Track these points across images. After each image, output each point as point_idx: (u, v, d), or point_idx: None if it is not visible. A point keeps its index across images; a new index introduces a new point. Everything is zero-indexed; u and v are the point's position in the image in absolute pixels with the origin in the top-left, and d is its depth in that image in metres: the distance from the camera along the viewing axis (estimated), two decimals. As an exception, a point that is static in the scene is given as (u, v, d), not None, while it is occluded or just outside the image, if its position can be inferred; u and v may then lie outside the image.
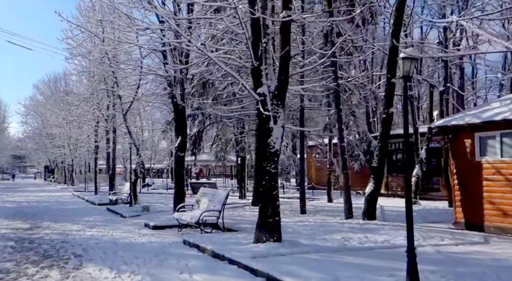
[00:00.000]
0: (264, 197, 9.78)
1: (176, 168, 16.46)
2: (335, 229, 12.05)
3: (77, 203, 26.47)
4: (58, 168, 63.80)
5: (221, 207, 12.38)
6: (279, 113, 9.96)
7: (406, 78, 6.24)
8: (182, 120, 16.23)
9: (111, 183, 26.10)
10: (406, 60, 6.08)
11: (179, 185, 16.26)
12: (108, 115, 24.84)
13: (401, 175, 27.68)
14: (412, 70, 6.18)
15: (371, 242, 10.01)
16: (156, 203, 22.83)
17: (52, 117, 47.04)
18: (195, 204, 14.12)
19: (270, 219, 9.69)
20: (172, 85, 15.86)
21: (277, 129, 9.88)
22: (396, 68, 14.10)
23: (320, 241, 10.16)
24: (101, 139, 30.15)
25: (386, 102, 13.77)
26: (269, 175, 9.74)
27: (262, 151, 9.87)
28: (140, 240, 12.16)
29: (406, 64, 6.09)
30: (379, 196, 26.81)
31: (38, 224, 15.91)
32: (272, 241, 9.61)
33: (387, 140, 13.87)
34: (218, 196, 12.82)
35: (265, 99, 9.77)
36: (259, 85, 9.90)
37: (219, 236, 11.50)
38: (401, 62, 6.14)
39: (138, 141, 22.44)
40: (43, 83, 63.61)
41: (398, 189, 28.15)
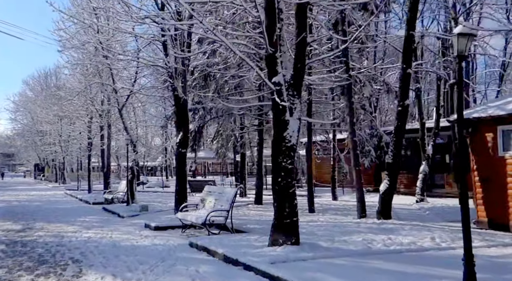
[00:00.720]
0: (281, 196, 8.95)
1: (178, 165, 15.58)
2: (352, 230, 11.26)
3: (70, 202, 25.50)
4: (48, 166, 62.53)
5: (229, 207, 11.54)
6: (295, 105, 9.14)
7: (461, 57, 5.45)
8: (184, 114, 15.36)
9: (105, 181, 25.13)
10: (462, 37, 5.29)
11: (180, 183, 15.40)
12: (102, 110, 23.85)
13: (404, 172, 27.03)
14: (468, 48, 5.39)
15: (397, 244, 9.22)
16: (154, 202, 21.94)
17: (43, 114, 45.94)
18: (200, 203, 13.26)
19: (288, 220, 8.87)
20: (173, 77, 14.98)
21: (293, 121, 9.06)
22: (411, 58, 13.34)
23: (341, 244, 9.36)
24: (95, 136, 29.14)
25: (401, 94, 13.01)
26: (286, 171, 8.92)
27: (278, 146, 9.04)
28: (143, 243, 11.30)
29: (462, 42, 5.31)
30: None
31: (31, 225, 14.99)
32: (290, 243, 8.79)
33: (403, 134, 13.12)
34: (226, 195, 11.97)
35: (280, 89, 8.93)
36: (274, 74, 9.06)
37: (228, 237, 10.67)
38: (455, 40, 5.36)
39: (134, 137, 21.50)
40: (33, 78, 62.38)
41: (401, 186, 27.44)
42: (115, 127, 25.83)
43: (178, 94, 15.23)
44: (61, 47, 21.41)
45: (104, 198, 22.57)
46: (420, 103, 21.58)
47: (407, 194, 25.66)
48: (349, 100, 13.70)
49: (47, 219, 16.83)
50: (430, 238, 9.70)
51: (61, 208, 21.56)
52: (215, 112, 19.29)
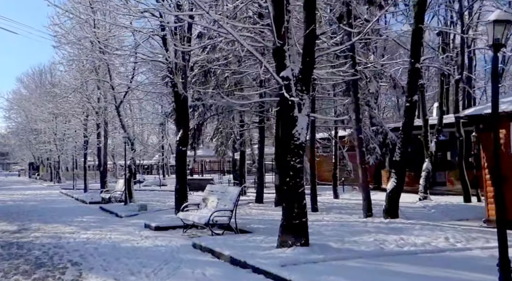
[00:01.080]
0: (289, 195, 8.56)
1: (178, 164, 15.16)
2: (361, 230, 10.89)
3: (66, 201, 25.02)
4: (43, 165, 61.86)
5: (233, 206, 11.14)
6: (304, 100, 8.74)
7: (496, 46, 5.08)
8: (184, 111, 14.94)
9: (102, 180, 24.64)
10: (498, 24, 4.92)
11: (181, 182, 14.98)
12: (99, 107, 23.35)
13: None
14: (504, 37, 5.02)
15: (410, 244, 8.85)
16: (152, 201, 21.50)
17: (37, 112, 45.33)
18: (202, 203, 12.86)
19: (297, 220, 8.48)
20: (173, 73, 14.55)
21: (302, 118, 8.67)
22: (420, 52, 12.98)
23: (351, 244, 8.98)
24: (91, 134, 28.64)
25: (409, 90, 12.64)
26: (294, 171, 8.53)
27: (286, 143, 8.64)
28: (144, 244, 10.88)
29: (499, 30, 4.94)
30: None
31: (27, 226, 14.53)
32: (299, 245, 8.40)
33: (410, 131, 12.76)
34: (229, 194, 11.57)
35: (289, 84, 8.54)
36: (282, 68, 8.67)
37: (233, 238, 10.27)
38: (491, 27, 4.99)
39: (132, 135, 21.05)
40: (27, 76, 61.68)
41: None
42: (112, 125, 25.33)
43: (178, 91, 14.80)
44: (57, 43, 20.91)
45: (101, 197, 22.11)
46: (424, 100, 21.22)
47: (409, 191, 25.25)
48: (355, 96, 13.32)
49: (43, 219, 16.38)
50: (444, 238, 9.35)
51: (57, 207, 21.09)
52: (215, 110, 18.89)
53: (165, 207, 18.87)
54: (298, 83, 8.71)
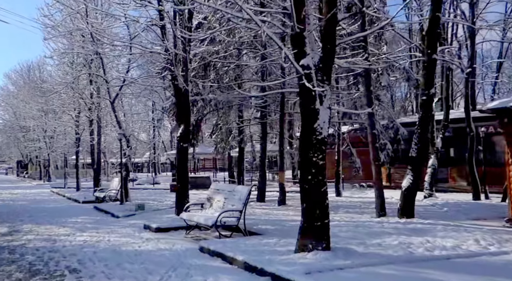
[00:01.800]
0: (310, 195, 7.81)
1: (179, 161, 14.34)
2: (379, 231, 10.19)
3: (57, 201, 24.09)
4: (32, 163, 60.58)
5: (242, 207, 10.38)
6: (325, 92, 8.00)
7: None
8: (185, 105, 14.13)
9: (96, 178, 23.71)
10: None
11: (182, 180, 14.18)
12: (92, 103, 22.43)
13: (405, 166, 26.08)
14: None
15: (439, 248, 8.14)
16: (148, 200, 20.66)
17: (26, 109, 44.22)
18: (206, 202, 12.09)
19: (318, 222, 7.74)
20: (173, 65, 13.75)
21: (324, 111, 7.93)
22: (437, 42, 12.30)
23: (376, 248, 8.26)
24: (83, 131, 27.66)
25: (425, 82, 11.96)
26: (316, 168, 7.79)
27: (307, 138, 7.89)
28: (146, 247, 10.09)
29: None
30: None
31: (18, 228, 13.67)
32: (321, 249, 7.66)
33: (428, 126, 12.10)
34: (238, 193, 10.80)
35: (310, 73, 7.78)
36: (301, 55, 7.91)
37: (243, 241, 9.51)
38: None
39: (128, 131, 20.17)
40: (15, 72, 60.23)
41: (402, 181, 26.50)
42: (105, 122, 24.39)
43: (178, 84, 14.01)
44: (48, 35, 19.98)
45: (95, 196, 21.22)
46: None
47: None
48: (368, 89, 12.60)
49: (35, 220, 15.51)
50: (474, 241, 8.66)
51: (49, 207, 20.19)
52: (214, 105, 18.09)
53: (163, 206, 18.06)
54: (319, 73, 7.96)
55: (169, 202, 19.43)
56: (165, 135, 45.75)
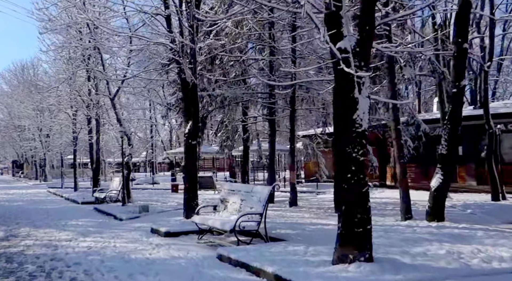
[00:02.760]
0: (351, 197, 6.90)
1: (187, 159, 13.37)
2: (415, 237, 9.29)
3: (55, 201, 23.08)
4: (28, 163, 59.41)
5: (262, 209, 9.46)
6: (363, 79, 7.10)
7: None
8: (193, 100, 13.17)
9: (95, 178, 22.70)
10: None
11: (191, 180, 13.23)
12: (90, 100, 21.42)
13: (412, 165, 25.29)
14: None
15: (496, 259, 7.18)
16: (150, 201, 19.71)
17: (21, 108, 43.22)
18: (220, 204, 11.15)
19: (360, 228, 6.83)
20: (180, 57, 12.82)
21: (363, 100, 7.03)
22: (467, 30, 11.40)
23: (423, 258, 7.32)
24: (80, 130, 26.65)
25: (455, 74, 11.08)
26: (356, 164, 6.88)
27: (345, 132, 6.99)
28: (157, 255, 9.15)
29: None
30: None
31: (15, 232, 12.70)
32: (364, 260, 6.76)
33: (459, 121, 11.18)
34: (257, 194, 9.87)
35: (348, 57, 6.86)
36: (338, 38, 6.99)
37: (267, 249, 8.57)
38: None
39: (129, 129, 19.19)
40: (9, 72, 59.11)
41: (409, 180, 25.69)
42: (103, 120, 23.37)
43: (185, 77, 13.06)
44: (43, 29, 18.92)
45: (94, 197, 20.25)
46: (442, 91, 19.71)
47: (417, 188, 23.92)
48: (392, 82, 11.70)
49: (33, 222, 14.55)
50: (531, 249, 7.74)
51: (46, 208, 19.20)
52: (221, 101, 17.15)
53: (168, 207, 17.11)
54: (356, 58, 7.04)
55: (173, 203, 18.52)
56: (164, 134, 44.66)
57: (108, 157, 41.28)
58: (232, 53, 16.16)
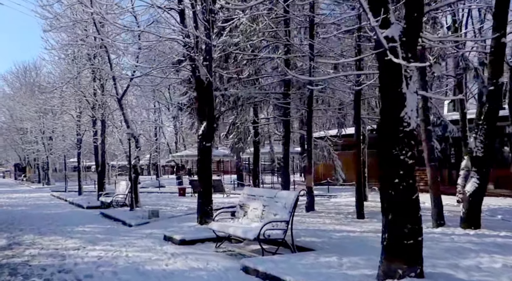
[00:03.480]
0: (398, 204, 6.13)
1: (201, 162, 12.62)
2: (456, 246, 8.54)
3: (60, 206, 22.32)
4: (30, 166, 58.66)
5: (289, 216, 8.69)
6: (410, 72, 6.34)
7: None
8: (208, 100, 12.42)
9: (100, 182, 21.91)
10: None
11: (205, 184, 12.48)
12: (96, 101, 20.67)
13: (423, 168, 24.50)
14: None
15: None
16: (159, 206, 18.95)
17: (23, 110, 42.54)
18: (238, 210, 10.39)
19: (410, 240, 6.05)
20: (195, 54, 12.09)
21: (411, 96, 6.28)
22: (506, 22, 10.64)
23: (480, 274, 6.48)
24: (85, 132, 25.90)
25: (492, 70, 10.33)
26: (405, 168, 6.12)
27: (391, 131, 6.24)
28: (175, 266, 8.37)
29: None
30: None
31: (19, 239, 11.93)
32: (414, 276, 5.99)
33: (495, 120, 10.43)
34: (282, 200, 9.09)
35: (395, 47, 6.10)
36: (384, 25, 6.22)
37: (296, 260, 7.81)
38: None
39: (136, 131, 18.44)
40: (11, 74, 58.50)
41: (421, 183, 24.85)
42: (109, 121, 22.62)
43: (200, 76, 12.32)
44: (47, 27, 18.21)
45: (100, 201, 19.49)
46: (462, 91, 18.90)
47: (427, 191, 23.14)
48: (423, 79, 10.95)
49: (38, 229, 13.79)
50: None
51: (51, 213, 18.43)
52: (233, 101, 16.39)
53: (178, 212, 16.36)
54: (402, 49, 6.28)
55: (183, 208, 17.77)
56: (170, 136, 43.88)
57: (112, 160, 40.51)
58: (246, 51, 15.43)
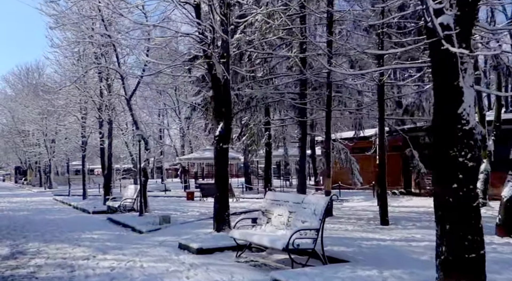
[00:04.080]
0: (458, 212, 5.40)
1: (218, 165, 11.88)
2: (505, 258, 7.85)
3: (64, 210, 21.59)
4: (31, 169, 57.93)
5: (319, 224, 7.96)
6: (465, 65, 5.65)
7: None
8: (225, 99, 11.70)
9: (106, 185, 21.15)
10: None
11: (222, 188, 11.73)
12: (102, 102, 19.96)
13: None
14: None
15: None
16: (168, 210, 18.26)
17: (25, 112, 41.87)
18: (261, 216, 9.67)
19: (472, 254, 5.35)
20: (212, 51, 11.41)
21: (468, 91, 5.58)
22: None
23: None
24: (90, 134, 25.21)
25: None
26: (465, 172, 5.41)
27: (447, 130, 5.53)
28: (196, 278, 7.64)
29: None
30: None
31: (22, 248, 11.21)
32: (478, 295, 5.26)
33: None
34: (311, 206, 8.36)
35: (451, 35, 5.41)
36: (438, 12, 5.53)
37: (331, 273, 7.08)
38: None
39: (146, 132, 17.74)
40: (13, 75, 57.93)
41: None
42: (115, 123, 21.94)
43: (217, 73, 11.62)
44: (53, 24, 17.57)
45: (107, 206, 18.77)
46: (480, 92, 18.16)
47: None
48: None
49: (42, 236, 13.09)
50: None
51: (55, 219, 17.71)
52: (247, 102, 15.69)
53: (189, 218, 15.65)
54: (456, 39, 5.58)
55: (194, 213, 17.06)
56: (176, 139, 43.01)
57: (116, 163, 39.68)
58: (262, 49, 14.77)
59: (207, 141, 34.80)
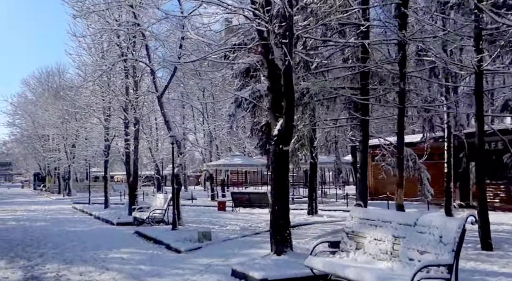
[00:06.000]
0: None
1: (276, 170, 9.54)
2: None
3: (84, 221, 19.47)
4: (50, 176, 56.29)
5: (452, 258, 5.61)
6: None
7: None
8: (287, 90, 9.39)
9: (132, 193, 18.91)
10: None
11: (282, 200, 9.43)
12: (128, 101, 17.84)
13: (499, 182, 21.24)
14: None
15: None
16: (202, 223, 16.06)
17: (45, 116, 40.23)
18: (345, 240, 7.36)
19: None
20: (268, 33, 9.24)
21: None
22: None
23: None
24: (113, 137, 23.13)
25: None
26: None
27: None
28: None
29: None
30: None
31: (38, 270, 9.11)
32: None
33: None
34: (433, 230, 5.98)
35: None
36: None
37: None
38: None
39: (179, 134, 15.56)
40: (34, 78, 56.58)
41: (496, 200, 21.59)
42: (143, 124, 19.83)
43: (275, 59, 9.41)
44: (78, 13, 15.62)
45: (133, 217, 16.60)
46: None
47: (507, 210, 19.90)
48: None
49: (62, 253, 10.98)
50: None
51: (76, 231, 15.58)
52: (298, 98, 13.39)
53: (231, 233, 13.35)
54: None
55: (234, 227, 14.79)
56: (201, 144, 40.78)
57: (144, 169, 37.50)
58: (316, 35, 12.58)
59: (236, 146, 32.51)
